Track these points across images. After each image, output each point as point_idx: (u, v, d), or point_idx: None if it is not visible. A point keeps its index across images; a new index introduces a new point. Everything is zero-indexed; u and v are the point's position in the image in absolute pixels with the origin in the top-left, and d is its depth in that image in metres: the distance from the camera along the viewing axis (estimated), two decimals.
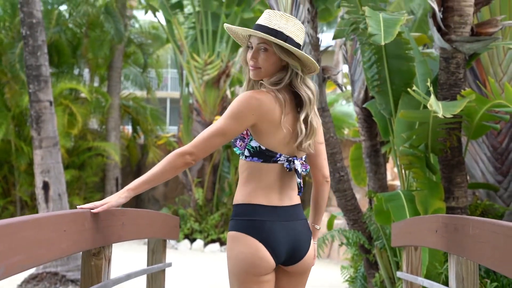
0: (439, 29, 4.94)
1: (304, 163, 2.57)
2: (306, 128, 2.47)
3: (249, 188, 2.51)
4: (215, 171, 14.85)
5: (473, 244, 2.47)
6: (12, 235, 1.92)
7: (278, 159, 2.49)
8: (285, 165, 2.49)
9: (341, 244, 6.27)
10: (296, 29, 2.51)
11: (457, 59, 4.95)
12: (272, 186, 2.50)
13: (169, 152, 13.38)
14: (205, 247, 13.73)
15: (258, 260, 2.44)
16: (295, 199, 2.57)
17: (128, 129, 19.35)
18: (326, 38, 14.08)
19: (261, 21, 2.51)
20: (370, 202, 6.81)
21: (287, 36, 2.46)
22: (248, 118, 2.43)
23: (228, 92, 14.85)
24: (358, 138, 11.19)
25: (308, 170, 2.60)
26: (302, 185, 2.52)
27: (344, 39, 6.22)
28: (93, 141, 14.57)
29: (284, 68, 2.51)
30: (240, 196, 2.53)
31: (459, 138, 5.12)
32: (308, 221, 2.66)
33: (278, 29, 2.46)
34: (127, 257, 10.20)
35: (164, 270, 4.50)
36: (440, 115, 4.04)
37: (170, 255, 4.29)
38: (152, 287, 4.39)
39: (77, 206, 2.57)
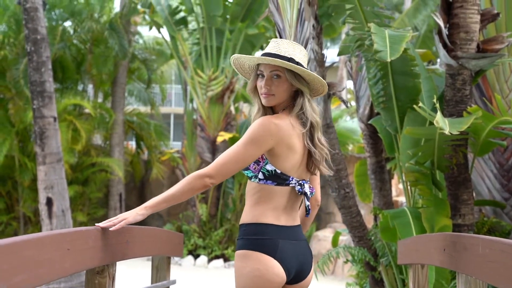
0: (445, 46, 4.92)
1: (311, 186, 2.66)
2: (318, 149, 2.58)
3: (260, 209, 2.57)
4: (219, 187, 14.81)
5: (483, 264, 2.43)
6: (14, 254, 1.89)
7: (291, 182, 2.57)
8: (296, 189, 2.58)
9: (346, 261, 6.21)
10: (302, 55, 2.60)
11: (463, 75, 4.92)
12: (281, 207, 2.58)
13: (173, 168, 13.25)
14: (209, 263, 13.65)
15: (274, 276, 2.51)
16: (298, 220, 2.67)
17: (132, 144, 19.36)
18: (330, 54, 14.09)
19: (270, 49, 2.59)
20: (375, 219, 6.76)
21: (297, 62, 2.55)
22: (267, 143, 2.50)
23: (232, 108, 14.86)
24: (362, 154, 11.14)
25: (314, 193, 2.67)
26: (310, 208, 2.64)
27: (349, 55, 6.21)
28: (96, 157, 14.56)
29: (295, 94, 2.60)
30: (249, 217, 2.59)
31: (465, 155, 5.08)
32: None
33: (289, 56, 2.54)
34: (130, 273, 10.13)
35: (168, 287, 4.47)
36: (446, 132, 4.01)
37: (174, 271, 4.25)
38: None
39: (96, 224, 2.62)
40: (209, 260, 13.77)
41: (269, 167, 2.55)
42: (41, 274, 2.09)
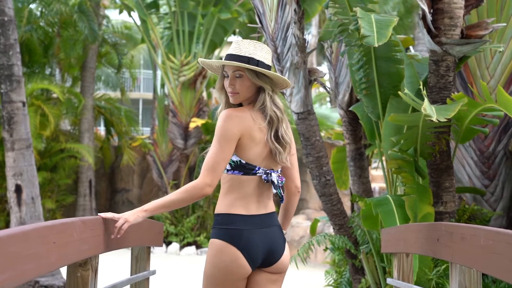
0: (429, 31, 4.85)
1: (280, 175, 2.80)
2: (279, 143, 2.71)
3: (229, 198, 2.74)
4: (191, 174, 14.66)
5: (486, 256, 2.36)
6: (0, 250, 1.75)
7: (257, 171, 2.73)
8: (263, 177, 2.73)
9: (325, 249, 6.15)
10: (264, 53, 2.75)
11: (447, 62, 4.87)
12: (251, 196, 2.74)
13: (144, 154, 13.07)
14: (181, 250, 13.53)
15: (237, 268, 2.69)
16: (270, 208, 2.81)
17: (101, 130, 19.05)
18: None
19: (231, 50, 2.75)
20: (352, 206, 6.71)
21: (258, 60, 2.71)
22: (235, 133, 2.67)
23: (204, 94, 14.68)
24: (338, 141, 11.11)
25: (283, 182, 2.81)
26: (282, 195, 2.80)
27: (330, 40, 6.12)
28: (65, 143, 14.27)
29: (259, 90, 2.75)
30: (221, 206, 2.76)
31: (448, 142, 5.04)
32: None
33: (249, 55, 2.70)
34: (107, 262, 9.94)
35: (148, 278, 4.34)
36: (434, 119, 3.95)
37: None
38: None
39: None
40: (181, 247, 13.65)
41: (234, 158, 2.71)
42: (28, 270, 1.96)
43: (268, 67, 2.73)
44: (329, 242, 5.86)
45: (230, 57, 2.72)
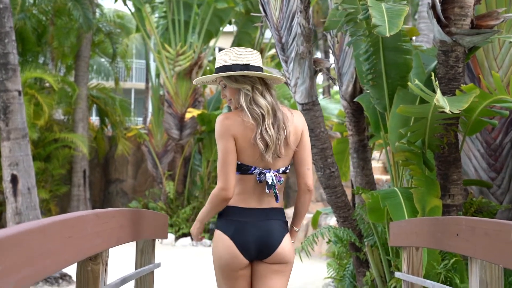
0: (438, 21, 4.76)
1: (278, 175, 2.86)
2: (262, 141, 2.76)
3: None
4: (186, 164, 14.56)
5: None
6: (20, 246, 1.66)
7: (253, 172, 2.84)
8: (256, 178, 2.84)
9: (329, 241, 6.08)
10: (239, 55, 2.85)
11: (456, 52, 4.78)
12: (250, 192, 2.86)
13: (139, 144, 13.05)
14: (176, 241, 13.45)
15: (230, 258, 2.84)
16: (270, 203, 2.89)
17: (93, 120, 18.89)
18: None
19: (216, 65, 2.91)
20: (353, 198, 6.63)
21: (231, 65, 2.83)
22: (230, 135, 2.79)
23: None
24: (335, 132, 11.02)
25: (282, 181, 2.87)
26: (277, 194, 2.85)
27: (332, 31, 6.03)
28: (59, 132, 14.12)
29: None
30: None
31: (456, 134, 4.97)
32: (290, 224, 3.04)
33: (223, 63, 2.85)
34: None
35: (153, 271, 4.26)
36: (447, 110, 3.87)
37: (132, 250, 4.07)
38: None
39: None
40: (176, 238, 13.56)
41: None
42: (46, 266, 1.87)
43: (243, 67, 2.83)
44: (332, 234, 5.79)
45: (215, 71, 2.91)
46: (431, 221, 3.44)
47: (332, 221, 11.38)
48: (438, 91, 3.99)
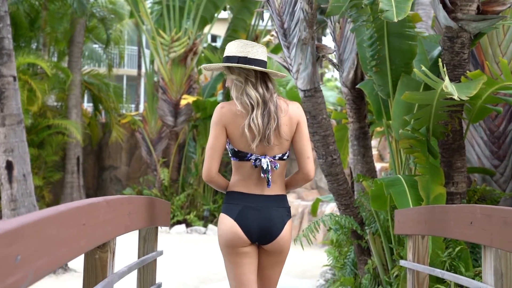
0: (444, 6, 4.70)
1: (273, 160, 2.98)
2: (249, 131, 2.90)
3: (234, 179, 3.07)
4: (181, 151, 14.48)
5: None
6: (38, 233, 1.60)
7: (250, 158, 2.98)
8: (252, 164, 2.97)
9: (329, 229, 6.05)
10: (240, 47, 2.99)
11: (462, 38, 4.73)
12: (250, 178, 3.01)
13: (133, 131, 13.06)
14: (171, 228, 13.39)
15: (232, 234, 2.96)
16: (276, 191, 3.04)
17: (85, 106, 18.72)
18: None
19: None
20: (352, 186, 6.60)
21: (231, 56, 2.99)
22: (221, 123, 2.96)
23: (195, 70, 14.43)
24: (331, 120, 10.96)
25: (277, 167, 2.99)
26: (269, 180, 2.97)
27: (333, 17, 5.95)
28: (53, 119, 13.99)
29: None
30: (229, 186, 3.09)
31: (461, 121, 4.93)
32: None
33: (226, 54, 3.02)
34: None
35: (156, 259, 4.21)
36: (455, 97, 3.82)
37: (135, 236, 4.03)
38: (143, 277, 4.09)
39: None
40: (171, 226, 13.51)
41: (229, 146, 3.03)
42: (62, 254, 1.81)
43: (243, 59, 2.95)
44: (333, 222, 5.75)
45: (223, 60, 3.11)
46: (443, 209, 3.40)
47: (328, 209, 11.36)
48: (446, 78, 3.94)
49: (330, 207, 11.27)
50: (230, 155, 3.06)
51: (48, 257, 1.66)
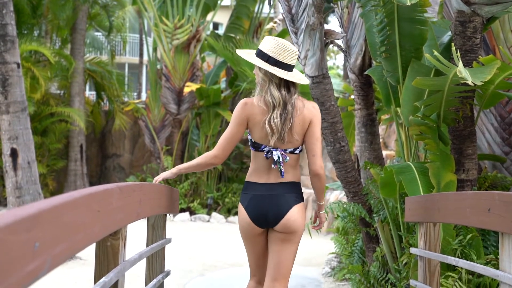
0: None
1: (284, 153, 3.24)
2: (269, 127, 3.18)
3: (251, 169, 3.37)
4: (184, 139, 14.43)
5: None
6: (55, 220, 1.55)
7: (263, 149, 3.27)
8: (264, 155, 3.26)
9: (337, 217, 6.00)
10: (275, 48, 3.21)
11: (474, 23, 4.66)
12: (263, 168, 3.30)
13: (136, 119, 12.97)
14: (175, 216, 13.36)
15: (245, 225, 3.33)
16: (285, 178, 3.28)
17: (87, 94, 18.65)
18: None
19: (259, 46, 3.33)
20: (358, 173, 6.54)
21: (265, 53, 3.22)
22: (243, 118, 3.26)
23: (198, 58, 14.35)
24: (342, 106, 10.90)
25: (287, 159, 3.24)
26: (282, 170, 3.24)
27: (340, 2, 5.88)
28: (56, 107, 13.93)
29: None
30: (247, 175, 3.39)
31: (472, 107, 4.87)
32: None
33: (261, 49, 3.26)
34: None
35: (164, 247, 4.17)
36: (469, 82, 3.76)
37: (139, 224, 3.99)
38: (152, 265, 4.05)
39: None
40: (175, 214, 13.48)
41: (249, 136, 3.33)
42: (78, 241, 1.76)
43: (272, 60, 3.20)
44: (341, 209, 5.70)
45: (257, 51, 3.33)
46: (459, 196, 3.35)
47: (332, 197, 11.32)
48: (460, 63, 3.88)
49: (335, 195, 11.22)
50: (249, 145, 3.37)
51: (65, 244, 1.61)
